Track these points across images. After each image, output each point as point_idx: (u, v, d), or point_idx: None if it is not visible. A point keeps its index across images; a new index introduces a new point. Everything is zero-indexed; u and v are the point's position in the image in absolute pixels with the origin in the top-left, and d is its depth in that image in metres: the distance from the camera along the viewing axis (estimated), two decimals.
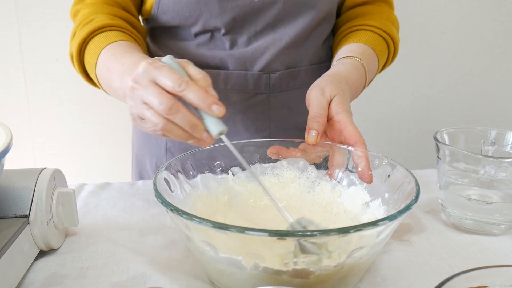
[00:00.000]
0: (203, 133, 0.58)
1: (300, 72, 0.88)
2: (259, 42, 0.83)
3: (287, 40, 0.83)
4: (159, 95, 0.56)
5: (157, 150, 0.93)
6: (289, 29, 0.83)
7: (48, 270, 0.57)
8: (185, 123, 0.57)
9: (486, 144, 0.68)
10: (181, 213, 0.48)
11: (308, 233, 0.47)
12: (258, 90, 0.86)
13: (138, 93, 0.58)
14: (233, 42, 0.83)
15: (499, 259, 0.60)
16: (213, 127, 0.57)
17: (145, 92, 0.58)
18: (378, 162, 0.63)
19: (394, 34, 0.87)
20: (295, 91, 0.88)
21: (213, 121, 0.57)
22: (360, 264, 0.50)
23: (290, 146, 0.69)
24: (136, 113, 0.60)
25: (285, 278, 0.47)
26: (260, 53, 0.83)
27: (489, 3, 1.68)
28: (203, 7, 0.79)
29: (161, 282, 0.54)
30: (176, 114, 0.56)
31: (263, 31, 0.82)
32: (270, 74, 0.85)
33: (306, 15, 0.83)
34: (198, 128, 0.57)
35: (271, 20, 0.82)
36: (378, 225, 0.46)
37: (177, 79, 0.56)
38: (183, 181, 0.62)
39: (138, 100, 0.59)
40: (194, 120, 0.57)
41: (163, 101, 0.56)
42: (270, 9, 0.81)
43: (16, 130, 1.57)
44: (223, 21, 0.80)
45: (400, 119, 1.78)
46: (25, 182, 0.57)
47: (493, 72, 1.77)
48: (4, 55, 1.51)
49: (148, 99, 0.57)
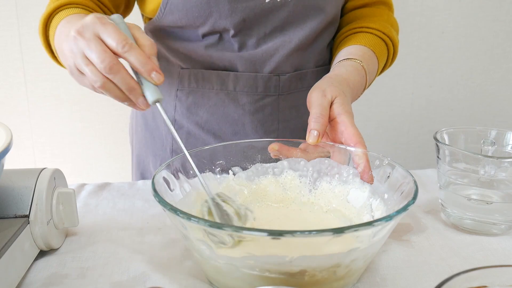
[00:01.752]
0: (139, 97, 0.59)
1: (307, 74, 0.88)
2: (269, 44, 0.83)
3: (296, 42, 0.83)
4: (102, 53, 0.56)
5: (162, 152, 0.93)
6: (298, 32, 0.83)
7: (48, 270, 0.57)
8: (124, 85, 0.58)
9: (486, 144, 0.68)
10: (178, 212, 0.48)
11: (305, 233, 0.46)
12: (268, 92, 0.86)
13: (80, 44, 0.58)
14: (242, 44, 0.83)
15: (499, 259, 0.60)
16: (150, 94, 0.59)
17: (87, 45, 0.57)
18: (378, 163, 0.63)
19: (393, 36, 0.88)
20: (302, 93, 0.88)
21: (151, 88, 0.58)
22: (357, 264, 0.50)
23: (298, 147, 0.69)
24: (75, 65, 0.60)
25: (282, 277, 0.47)
26: (269, 55, 0.83)
27: (489, 3, 1.68)
28: (213, 7, 0.78)
29: (161, 281, 0.54)
30: (115, 75, 0.57)
31: (273, 33, 0.82)
32: (279, 76, 0.85)
33: (315, 18, 0.83)
34: (135, 91, 0.59)
35: (280, 22, 0.82)
36: (374, 226, 0.46)
37: (121, 40, 0.57)
38: (183, 181, 0.62)
39: (79, 52, 0.59)
40: (133, 83, 0.58)
41: (104, 59, 0.56)
42: (280, 11, 0.80)
43: (16, 130, 1.57)
44: (233, 22, 0.79)
45: (400, 119, 1.78)
46: (25, 182, 0.57)
47: (493, 72, 1.77)
48: (4, 55, 1.51)
49: (90, 54, 0.57)
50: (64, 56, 0.68)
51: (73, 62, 0.60)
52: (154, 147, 0.94)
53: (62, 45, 0.68)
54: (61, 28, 0.71)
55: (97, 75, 0.57)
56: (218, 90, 0.85)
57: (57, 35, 0.73)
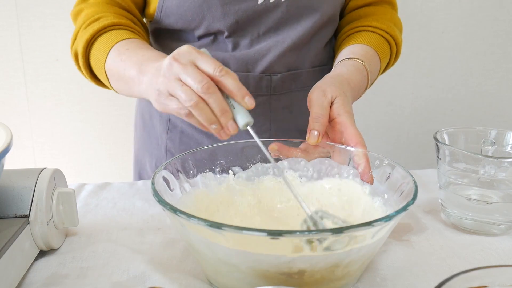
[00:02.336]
0: (230, 120, 0.59)
1: (301, 74, 0.88)
2: (262, 44, 0.83)
3: (289, 42, 0.83)
4: (198, 75, 0.58)
5: (157, 151, 0.93)
6: (291, 32, 0.83)
7: (48, 270, 0.57)
8: (217, 106, 0.58)
9: (486, 144, 0.68)
10: (177, 212, 0.48)
11: (305, 233, 0.47)
12: (259, 92, 0.85)
13: (175, 70, 0.59)
14: (235, 44, 0.83)
15: (499, 259, 0.60)
16: (241, 117, 0.60)
17: (183, 70, 0.59)
18: (378, 163, 0.63)
19: (396, 36, 0.87)
20: (296, 93, 0.88)
21: (242, 111, 0.60)
22: (356, 264, 0.50)
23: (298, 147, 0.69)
24: (167, 89, 0.60)
25: (282, 277, 0.47)
26: (262, 55, 0.83)
27: (489, 3, 1.68)
28: (206, 11, 0.79)
29: (161, 281, 0.54)
30: (211, 95, 0.58)
31: (266, 34, 0.82)
32: (271, 76, 0.85)
33: (309, 18, 0.83)
34: (227, 114, 0.59)
35: (274, 23, 0.82)
36: (373, 226, 0.46)
37: (218, 65, 0.59)
38: (183, 181, 0.62)
39: (173, 76, 0.60)
40: (226, 106, 0.59)
41: (202, 80, 0.57)
42: (273, 12, 0.80)
43: (16, 130, 1.57)
44: (226, 24, 0.80)
45: (400, 119, 1.78)
46: (25, 182, 0.57)
47: (493, 72, 1.77)
48: (4, 55, 1.51)
49: (185, 77, 0.59)
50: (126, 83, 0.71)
51: (165, 86, 0.60)
52: (150, 147, 0.95)
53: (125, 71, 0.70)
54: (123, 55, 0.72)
55: (191, 95, 0.58)
56: None
57: (111, 60, 0.74)
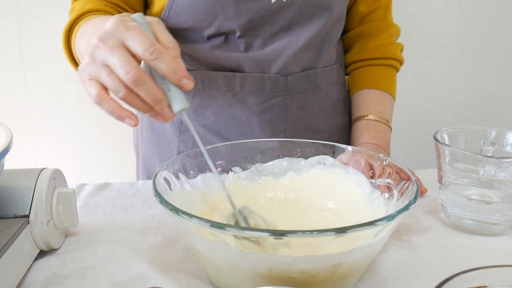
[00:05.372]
0: (165, 108, 0.54)
1: (315, 74, 0.88)
2: (275, 45, 0.82)
3: (303, 42, 0.83)
4: (127, 64, 0.52)
5: (169, 154, 0.92)
6: (304, 31, 0.82)
7: (48, 270, 0.57)
8: (150, 97, 0.53)
9: (486, 144, 0.68)
10: (179, 212, 0.48)
11: (307, 233, 0.46)
12: (275, 93, 0.85)
13: (101, 52, 0.53)
14: (248, 44, 0.82)
15: (499, 259, 0.60)
16: (176, 103, 0.54)
17: (110, 54, 0.52)
18: (378, 163, 0.63)
19: (399, 57, 0.95)
20: (310, 93, 0.88)
21: (178, 97, 0.54)
22: (358, 264, 0.50)
23: (298, 147, 0.69)
24: (91, 73, 0.54)
25: (283, 277, 0.47)
26: (276, 55, 0.83)
27: (489, 3, 1.68)
28: (219, 9, 0.77)
29: (161, 281, 0.54)
30: (141, 86, 0.52)
31: (279, 33, 0.82)
32: (287, 76, 0.85)
33: (321, 17, 0.82)
34: (161, 103, 0.54)
35: (286, 22, 0.81)
36: (375, 225, 0.46)
37: (149, 45, 0.52)
38: (184, 181, 0.62)
39: (99, 60, 0.54)
40: (159, 95, 0.53)
41: (130, 70, 0.51)
42: (286, 11, 0.80)
43: (16, 130, 1.57)
44: (239, 24, 0.79)
45: (400, 119, 1.78)
46: (25, 182, 0.57)
47: (493, 72, 1.77)
48: (4, 55, 1.51)
49: (113, 63, 0.52)
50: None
51: (91, 71, 0.55)
52: (161, 150, 0.93)
53: (81, 49, 0.66)
54: (81, 34, 0.69)
55: (120, 86, 0.52)
56: (224, 91, 0.85)
57: (77, 41, 0.70)
